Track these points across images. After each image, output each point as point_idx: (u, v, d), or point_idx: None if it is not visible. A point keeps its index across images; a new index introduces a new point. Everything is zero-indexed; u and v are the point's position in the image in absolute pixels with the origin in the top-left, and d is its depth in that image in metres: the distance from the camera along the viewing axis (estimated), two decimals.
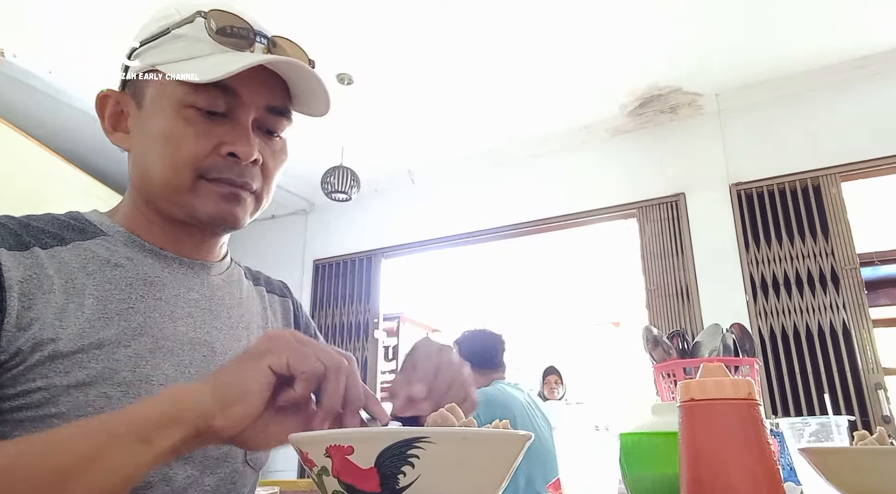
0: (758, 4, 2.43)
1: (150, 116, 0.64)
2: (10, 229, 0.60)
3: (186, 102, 0.62)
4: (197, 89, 0.61)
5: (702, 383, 0.47)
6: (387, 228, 3.88)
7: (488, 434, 0.41)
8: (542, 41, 2.65)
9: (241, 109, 0.64)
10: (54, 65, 2.77)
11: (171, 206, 0.64)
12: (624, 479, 0.67)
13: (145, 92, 0.65)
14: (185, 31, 0.63)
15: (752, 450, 0.44)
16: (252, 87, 0.64)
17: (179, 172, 0.62)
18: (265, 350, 0.47)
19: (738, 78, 2.94)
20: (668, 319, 2.92)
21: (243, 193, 0.65)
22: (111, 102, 0.69)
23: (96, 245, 0.64)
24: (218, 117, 0.63)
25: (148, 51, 0.66)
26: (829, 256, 2.68)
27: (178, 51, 0.63)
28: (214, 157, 0.63)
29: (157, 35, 0.65)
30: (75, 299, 0.58)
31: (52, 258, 0.60)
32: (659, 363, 1.12)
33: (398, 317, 5.78)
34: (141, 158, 0.66)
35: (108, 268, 0.62)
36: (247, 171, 0.64)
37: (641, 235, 3.12)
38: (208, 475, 0.63)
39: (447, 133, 3.40)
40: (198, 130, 0.62)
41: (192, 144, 0.62)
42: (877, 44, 2.70)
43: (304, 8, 2.38)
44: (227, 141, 0.63)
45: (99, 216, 0.68)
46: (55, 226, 0.64)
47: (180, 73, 0.61)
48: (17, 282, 0.56)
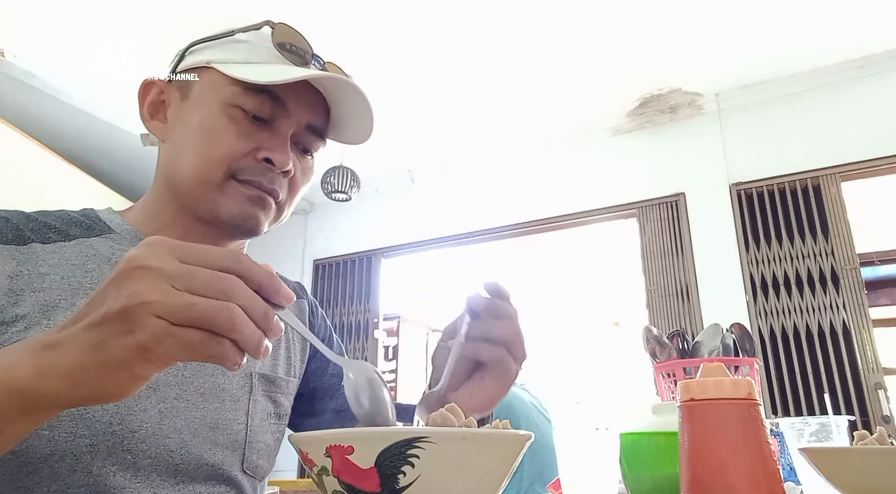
0: (758, 5, 2.43)
1: (193, 108, 0.65)
2: (11, 224, 0.60)
3: (234, 101, 0.63)
4: (246, 92, 0.62)
5: (702, 383, 0.47)
6: (387, 228, 3.88)
7: (488, 434, 0.41)
8: (542, 41, 2.65)
9: (284, 119, 0.65)
10: (54, 65, 2.77)
11: (195, 201, 0.64)
12: (624, 479, 0.67)
13: (193, 85, 0.66)
14: (248, 36, 0.65)
15: (752, 450, 0.44)
16: (299, 102, 0.65)
17: (213, 166, 0.62)
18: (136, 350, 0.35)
19: (738, 78, 2.95)
20: (668, 319, 2.92)
21: (269, 199, 0.65)
22: (154, 90, 0.69)
23: (100, 243, 0.64)
24: (260, 123, 0.64)
25: (206, 48, 0.66)
26: (829, 256, 2.68)
27: (238, 53, 0.65)
28: (250, 159, 0.63)
29: (220, 36, 0.66)
30: (68, 297, 0.58)
31: (52, 254, 0.60)
32: (659, 363, 1.12)
33: (398, 317, 5.78)
34: (175, 148, 0.66)
35: (107, 267, 0.62)
36: (277, 179, 0.65)
37: (641, 235, 3.12)
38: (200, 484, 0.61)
39: (447, 133, 3.40)
40: (240, 130, 0.63)
41: (231, 142, 0.62)
42: (876, 44, 2.70)
43: (303, 6, 2.39)
44: (266, 147, 0.63)
45: (111, 214, 0.68)
46: (63, 222, 0.64)
47: (237, 72, 0.62)
48: (5, 277, 0.56)
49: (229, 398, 0.65)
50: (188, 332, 0.35)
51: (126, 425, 0.56)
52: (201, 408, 0.62)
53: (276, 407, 0.72)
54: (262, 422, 0.69)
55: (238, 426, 0.65)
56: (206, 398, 0.63)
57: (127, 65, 2.71)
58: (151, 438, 0.57)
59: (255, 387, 0.69)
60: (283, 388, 0.73)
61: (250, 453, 0.67)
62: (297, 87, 0.64)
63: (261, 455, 0.68)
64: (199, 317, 0.35)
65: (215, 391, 0.64)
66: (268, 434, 0.70)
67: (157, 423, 0.58)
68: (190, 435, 0.60)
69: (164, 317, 0.35)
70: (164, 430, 0.58)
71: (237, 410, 0.66)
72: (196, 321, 0.35)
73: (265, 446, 0.69)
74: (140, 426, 0.57)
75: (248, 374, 0.69)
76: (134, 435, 0.56)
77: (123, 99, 2.99)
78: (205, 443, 0.62)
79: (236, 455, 0.65)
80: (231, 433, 0.64)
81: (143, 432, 0.57)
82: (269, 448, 0.70)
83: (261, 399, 0.69)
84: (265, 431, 0.69)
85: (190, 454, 0.60)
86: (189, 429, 0.60)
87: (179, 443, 0.59)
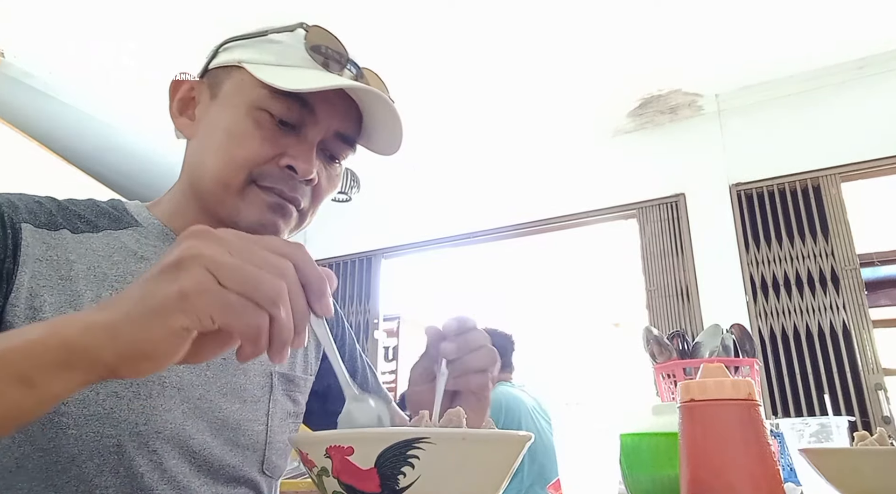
0: (758, 5, 2.43)
1: (221, 108, 0.64)
2: (45, 208, 0.60)
3: (261, 104, 0.61)
4: (275, 95, 0.61)
5: (702, 383, 0.47)
6: (387, 228, 3.88)
7: (488, 434, 0.41)
8: (542, 42, 2.65)
9: (312, 126, 0.63)
10: (54, 65, 2.77)
11: (216, 204, 0.63)
12: (624, 480, 0.67)
13: (223, 84, 0.65)
14: (282, 37, 0.64)
15: (753, 451, 0.44)
16: (329, 108, 0.64)
17: (234, 170, 0.61)
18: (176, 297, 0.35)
19: (738, 79, 2.95)
20: (668, 319, 2.92)
21: (290, 206, 0.64)
22: (185, 87, 0.68)
23: (127, 236, 0.63)
24: (287, 128, 0.63)
25: (238, 47, 0.65)
26: (829, 256, 2.68)
27: (270, 54, 0.63)
28: (272, 165, 0.62)
29: (253, 35, 0.65)
30: (93, 288, 0.58)
31: (80, 244, 0.60)
32: (659, 363, 1.12)
33: (398, 318, 5.78)
34: (199, 148, 0.65)
35: (133, 260, 0.62)
36: (299, 187, 0.64)
37: (641, 235, 3.12)
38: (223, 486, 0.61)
39: (448, 134, 3.40)
40: (265, 134, 0.62)
41: (254, 147, 0.61)
42: (876, 45, 2.70)
43: (303, 5, 2.38)
44: (290, 154, 0.62)
45: (138, 207, 0.68)
46: (92, 212, 0.64)
47: (266, 75, 0.60)
48: (33, 260, 0.56)
49: (250, 398, 0.65)
50: (231, 294, 0.35)
51: (151, 425, 0.56)
52: (224, 409, 0.62)
53: (295, 406, 0.72)
54: (281, 422, 0.69)
55: (259, 427, 0.65)
56: (228, 398, 0.63)
57: (127, 65, 2.71)
58: (176, 438, 0.57)
59: (276, 387, 0.69)
60: (301, 387, 0.73)
61: (270, 453, 0.67)
62: (329, 92, 0.62)
63: (280, 456, 0.68)
64: (247, 280, 0.35)
65: (237, 392, 0.64)
66: (286, 433, 0.70)
67: (181, 424, 0.58)
68: (212, 436, 0.60)
69: (213, 272, 0.35)
70: (187, 431, 0.58)
71: (258, 410, 0.66)
72: (242, 285, 0.35)
73: (284, 445, 0.69)
74: (165, 426, 0.57)
75: (268, 373, 0.68)
76: (159, 436, 0.56)
77: (123, 100, 3.00)
78: (226, 444, 0.62)
79: (256, 455, 0.65)
80: (252, 434, 0.65)
81: (168, 432, 0.57)
82: (287, 447, 0.70)
83: (280, 399, 0.69)
84: (284, 431, 0.69)
85: (212, 455, 0.60)
86: (211, 430, 0.61)
87: (202, 444, 0.60)
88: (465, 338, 0.58)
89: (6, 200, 0.58)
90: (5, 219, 0.56)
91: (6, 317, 0.53)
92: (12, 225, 0.56)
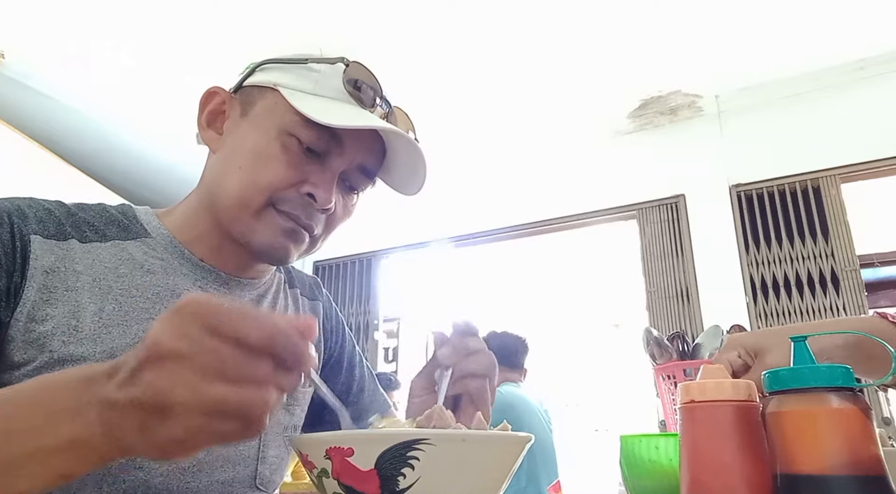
0: (757, 6, 2.43)
1: (250, 127, 0.64)
2: (54, 217, 0.60)
3: (292, 130, 0.62)
4: (307, 124, 0.61)
5: (702, 384, 0.47)
6: (387, 229, 3.88)
7: (488, 435, 0.41)
8: (542, 44, 2.65)
9: (337, 157, 0.64)
10: (54, 66, 2.77)
11: (231, 222, 0.63)
12: (624, 481, 0.67)
13: (256, 104, 0.65)
14: (321, 68, 0.64)
15: (752, 452, 0.44)
16: (356, 142, 0.64)
17: (255, 191, 0.61)
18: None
19: (737, 80, 2.95)
20: (668, 320, 2.92)
21: (304, 233, 0.64)
22: (216, 100, 0.68)
23: (135, 247, 0.63)
24: (312, 156, 0.63)
25: (276, 69, 0.65)
26: (829, 257, 2.68)
27: (307, 82, 0.64)
28: (293, 191, 0.62)
29: (293, 60, 0.65)
30: (97, 301, 0.57)
31: (87, 254, 0.59)
32: (659, 364, 1.12)
33: (398, 319, 5.77)
34: (223, 163, 0.65)
35: (139, 273, 0.61)
36: (315, 214, 0.64)
37: (641, 236, 3.12)
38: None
39: (447, 134, 3.40)
40: (290, 160, 0.62)
41: (279, 171, 0.61)
42: (876, 46, 2.70)
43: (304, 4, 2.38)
44: (312, 181, 0.62)
45: (148, 215, 0.68)
46: (101, 220, 0.63)
47: (302, 104, 0.61)
48: (41, 272, 0.55)
49: None
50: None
51: None
52: None
53: (292, 418, 0.71)
54: (275, 436, 0.68)
55: (251, 442, 0.65)
56: None
57: (127, 66, 2.71)
58: None
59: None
60: (299, 399, 0.72)
61: (262, 468, 0.66)
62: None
63: (273, 470, 0.68)
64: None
65: None
66: (281, 446, 0.69)
67: None
68: (203, 452, 0.60)
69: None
70: None
71: None
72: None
73: (278, 459, 0.68)
74: None
75: None
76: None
77: (123, 100, 3.00)
78: (216, 460, 0.61)
79: (248, 470, 0.64)
80: (243, 448, 0.64)
81: None
82: (281, 460, 0.69)
83: (276, 412, 0.68)
84: (279, 444, 0.68)
85: (201, 472, 0.60)
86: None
87: (192, 460, 0.59)
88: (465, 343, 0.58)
89: (16, 208, 0.58)
90: (14, 230, 0.56)
91: (9, 331, 0.53)
92: (21, 237, 0.56)
